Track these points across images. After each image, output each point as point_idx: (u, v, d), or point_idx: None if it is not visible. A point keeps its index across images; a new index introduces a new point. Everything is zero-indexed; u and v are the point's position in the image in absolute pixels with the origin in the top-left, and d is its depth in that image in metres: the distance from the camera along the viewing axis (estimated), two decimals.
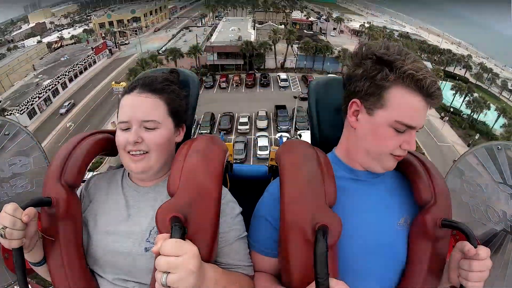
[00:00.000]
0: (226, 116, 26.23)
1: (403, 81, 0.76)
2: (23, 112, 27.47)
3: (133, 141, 0.87)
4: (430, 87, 0.75)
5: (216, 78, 34.50)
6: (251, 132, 25.00)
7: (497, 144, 0.99)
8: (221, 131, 24.88)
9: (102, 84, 35.08)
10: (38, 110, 29.69)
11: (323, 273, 0.65)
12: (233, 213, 0.92)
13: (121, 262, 0.88)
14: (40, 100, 30.04)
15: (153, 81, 0.94)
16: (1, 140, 1.03)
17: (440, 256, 0.85)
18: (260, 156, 21.91)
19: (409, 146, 0.82)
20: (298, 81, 34.51)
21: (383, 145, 0.83)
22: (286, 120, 25.47)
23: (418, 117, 0.79)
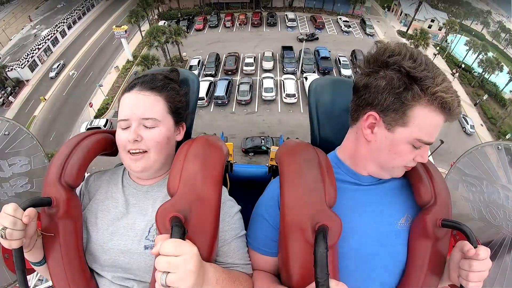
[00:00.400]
0: (231, 57, 25.70)
1: (431, 102, 0.74)
2: (24, 66, 26.88)
3: (133, 139, 0.87)
4: (455, 108, 0.74)
5: (221, 17, 33.11)
6: (256, 73, 24.70)
7: (497, 144, 0.98)
8: (226, 72, 24.60)
9: (102, 28, 33.96)
10: (39, 62, 29.05)
11: (323, 274, 0.65)
12: (232, 212, 0.93)
13: (120, 260, 0.89)
14: (40, 51, 29.32)
15: (152, 79, 0.94)
16: (1, 140, 1.03)
17: (440, 256, 0.85)
18: (265, 98, 21.93)
19: (422, 159, 0.81)
20: (306, 21, 33.06)
21: (399, 159, 0.82)
22: (293, 62, 24.97)
23: (436, 134, 0.78)
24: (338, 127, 0.99)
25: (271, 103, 22.09)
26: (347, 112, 0.90)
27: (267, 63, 25.32)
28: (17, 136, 1.06)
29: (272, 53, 26.42)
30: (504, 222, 0.97)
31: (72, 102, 23.23)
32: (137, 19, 28.03)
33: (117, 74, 26.17)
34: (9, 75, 25.65)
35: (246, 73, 24.83)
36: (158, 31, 24.05)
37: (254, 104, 22.21)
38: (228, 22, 31.75)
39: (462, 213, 1.04)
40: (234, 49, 26.71)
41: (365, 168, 0.89)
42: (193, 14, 33.28)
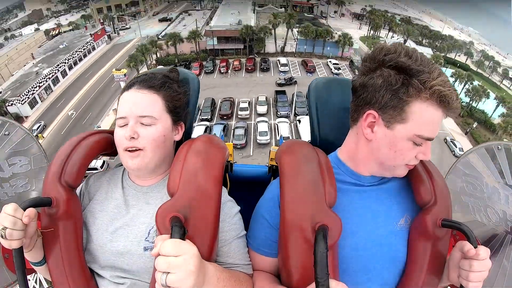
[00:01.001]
0: (226, 102, 26.37)
1: (429, 97, 0.74)
2: (24, 102, 27.27)
3: (129, 136, 0.87)
4: (454, 102, 0.75)
5: (216, 63, 34.38)
6: (251, 117, 25.18)
7: (497, 144, 0.98)
8: (222, 116, 25.13)
9: (102, 70, 34.79)
10: (39, 99, 29.47)
11: (323, 273, 0.65)
12: (232, 213, 0.93)
13: (120, 261, 0.88)
14: (41, 89, 29.85)
15: (151, 78, 0.95)
16: (1, 140, 1.03)
17: (440, 256, 0.85)
18: (260, 141, 22.18)
19: (425, 157, 0.81)
20: (298, 65, 34.44)
21: (400, 157, 0.81)
22: (286, 106, 25.65)
23: (436, 129, 0.78)
24: (338, 127, 0.99)
25: (265, 147, 22.33)
26: (347, 112, 0.91)
27: (261, 107, 25.95)
28: (17, 136, 1.06)
29: (266, 97, 27.16)
30: (504, 222, 0.97)
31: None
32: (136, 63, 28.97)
33: (115, 116, 26.38)
34: (9, 109, 25.92)
35: (241, 118, 25.34)
36: None
37: (250, 147, 22.42)
38: (223, 68, 32.87)
39: (462, 213, 1.04)
40: (229, 94, 27.26)
41: (366, 168, 0.89)
42: (189, 60, 34.60)
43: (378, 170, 0.88)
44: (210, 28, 37.11)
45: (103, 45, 43.32)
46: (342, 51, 36.13)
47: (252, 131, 23.73)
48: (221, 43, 36.83)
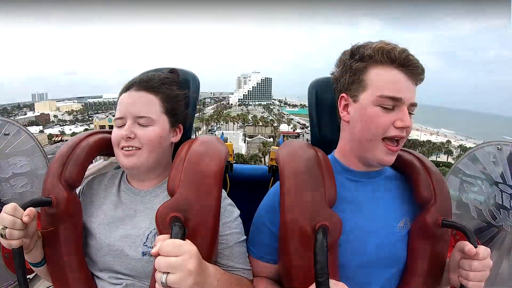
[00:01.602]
0: None
1: (376, 58, 0.78)
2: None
3: (126, 136, 0.87)
4: (400, 55, 0.76)
5: None
6: None
7: (497, 144, 0.98)
8: None
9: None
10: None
11: (323, 273, 0.64)
12: (232, 217, 0.92)
13: (117, 264, 0.88)
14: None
15: (150, 79, 0.94)
16: (1, 140, 1.03)
17: (440, 256, 0.85)
18: None
19: (402, 123, 0.77)
20: None
21: (374, 126, 0.79)
22: None
23: (400, 88, 0.77)
24: (337, 127, 0.96)
25: None
26: None
27: None
28: (17, 136, 1.05)
29: None
30: (504, 222, 0.96)
31: None
32: None
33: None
34: None
35: None
36: None
37: None
38: None
39: (462, 213, 1.02)
40: None
41: (353, 156, 0.88)
42: None
43: (362, 154, 0.85)
44: None
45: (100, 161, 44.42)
46: None
47: None
48: None
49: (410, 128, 0.80)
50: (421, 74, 0.79)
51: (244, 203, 1.00)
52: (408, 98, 0.78)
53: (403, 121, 0.77)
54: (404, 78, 0.77)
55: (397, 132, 0.78)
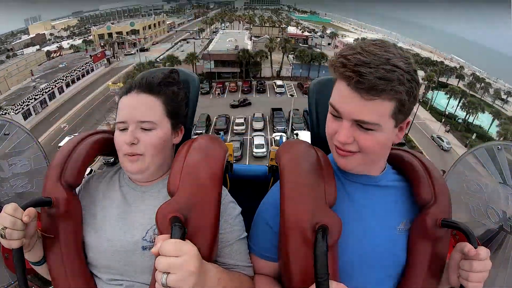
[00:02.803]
0: (222, 118, 26.26)
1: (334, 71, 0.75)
2: (18, 111, 27.39)
3: (129, 142, 0.87)
4: (346, 69, 0.70)
5: (213, 85, 34.84)
6: (247, 133, 24.93)
7: (497, 144, 0.98)
8: (217, 131, 24.77)
9: (99, 90, 35.31)
10: (33, 112, 29.69)
11: (323, 273, 0.64)
12: (233, 214, 0.92)
13: (116, 262, 0.88)
14: (36, 102, 30.08)
15: (151, 82, 0.94)
16: (1, 140, 1.03)
17: (440, 256, 0.84)
18: (256, 154, 21.73)
19: (336, 136, 0.78)
20: (294, 88, 34.91)
21: (327, 130, 0.83)
22: (283, 121, 25.51)
23: (343, 102, 0.74)
24: None
25: (262, 160, 21.72)
26: None
27: (257, 123, 25.78)
28: (17, 136, 1.05)
29: (262, 114, 27.14)
30: (504, 222, 0.96)
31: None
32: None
33: (112, 129, 26.26)
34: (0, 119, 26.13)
35: (236, 133, 25.04)
36: None
37: (245, 160, 21.81)
38: (219, 89, 33.35)
39: (462, 213, 1.02)
40: (224, 113, 27.44)
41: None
42: None
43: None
44: (208, 52, 37.96)
45: (101, 68, 44.07)
46: None
47: (248, 145, 23.23)
48: (218, 67, 37.53)
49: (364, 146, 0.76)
50: (371, 90, 0.68)
51: (244, 203, 0.99)
52: (348, 113, 0.74)
53: (338, 135, 0.77)
54: (349, 92, 0.72)
55: (337, 143, 0.79)
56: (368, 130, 0.74)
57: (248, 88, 33.55)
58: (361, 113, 0.72)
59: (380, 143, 0.76)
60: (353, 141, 0.76)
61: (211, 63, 36.71)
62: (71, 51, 52.80)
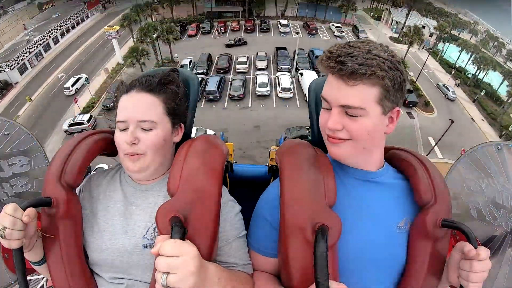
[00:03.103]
0: (224, 56, 25.30)
1: (321, 65, 0.80)
2: (13, 67, 26.80)
3: (130, 142, 0.87)
4: (329, 60, 0.77)
5: (214, 24, 33.11)
6: (250, 72, 24.15)
7: (497, 144, 0.98)
8: (219, 70, 23.95)
9: (95, 36, 34.03)
10: (29, 66, 29.13)
11: (323, 274, 0.65)
12: (233, 212, 0.93)
13: (118, 260, 0.88)
14: (31, 55, 29.38)
15: (150, 81, 0.93)
16: (1, 140, 1.02)
17: (440, 256, 0.84)
18: (259, 93, 21.28)
19: (327, 123, 0.81)
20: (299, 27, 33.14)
21: (319, 122, 0.86)
22: (287, 60, 24.57)
23: (330, 90, 0.80)
24: None
25: (265, 99, 21.36)
26: None
27: (261, 62, 24.93)
28: (17, 136, 1.04)
29: (266, 53, 26.12)
30: (504, 222, 0.96)
31: (58, 102, 23.07)
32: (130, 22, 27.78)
33: (106, 75, 25.91)
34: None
35: (239, 71, 24.30)
36: (150, 27, 23.54)
37: (248, 99, 21.50)
38: (221, 28, 31.75)
39: (462, 213, 1.02)
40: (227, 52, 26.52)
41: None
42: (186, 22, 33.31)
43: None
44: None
45: (97, 14, 42.01)
46: (345, 17, 34.84)
47: (250, 84, 22.60)
48: (219, 6, 35.39)
49: (353, 132, 0.79)
50: (352, 75, 0.74)
51: (244, 203, 0.99)
52: (335, 99, 0.79)
53: (328, 122, 0.80)
54: (335, 80, 0.78)
55: (329, 132, 0.82)
56: (354, 117, 0.78)
57: (251, 27, 32.09)
58: (346, 98, 0.77)
59: (368, 129, 0.78)
60: (342, 128, 0.80)
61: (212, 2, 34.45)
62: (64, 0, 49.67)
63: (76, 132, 19.04)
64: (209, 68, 24.54)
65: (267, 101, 20.86)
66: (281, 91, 20.53)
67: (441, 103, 23.69)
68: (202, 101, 20.55)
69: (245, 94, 21.23)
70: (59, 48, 32.53)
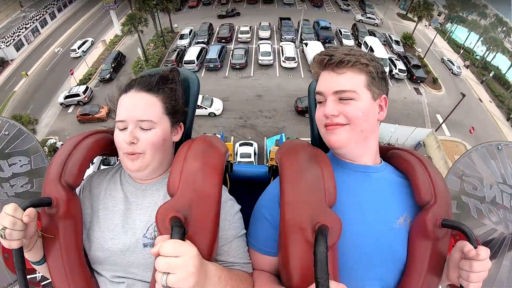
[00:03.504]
0: (225, 26, 24.29)
1: (314, 65, 0.93)
2: (9, 44, 26.17)
3: (129, 141, 0.87)
4: (320, 61, 0.89)
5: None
6: (252, 42, 23.16)
7: (497, 144, 0.98)
8: (220, 39, 22.92)
9: (92, 10, 32.82)
10: (26, 42, 28.50)
11: (323, 274, 0.65)
12: (232, 211, 0.93)
13: (118, 259, 0.89)
14: (27, 31, 28.72)
15: (150, 81, 0.93)
16: (1, 140, 1.02)
17: (440, 256, 0.84)
18: (261, 62, 20.50)
19: (325, 111, 0.86)
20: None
21: (316, 117, 0.92)
22: (291, 30, 23.62)
23: (323, 83, 0.89)
24: None
25: (268, 68, 20.58)
26: None
27: (264, 32, 24.01)
28: (17, 136, 1.04)
29: (269, 23, 25.09)
30: (504, 222, 0.97)
31: (55, 76, 22.66)
32: None
33: (103, 48, 25.03)
34: None
35: (241, 41, 23.26)
36: None
37: (250, 68, 20.76)
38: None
39: (462, 213, 1.02)
40: (228, 23, 25.48)
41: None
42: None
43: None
44: None
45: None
46: None
47: (253, 54, 21.65)
48: None
49: (349, 114, 0.84)
50: (341, 63, 0.85)
51: (244, 203, 0.99)
52: (329, 89, 0.87)
53: (325, 110, 0.86)
54: (327, 74, 0.88)
55: (327, 121, 0.87)
56: (348, 100, 0.85)
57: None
58: (338, 84, 0.85)
59: (362, 109, 0.84)
60: (338, 114, 0.85)
61: None
62: None
63: (72, 104, 18.48)
64: (210, 37, 23.76)
65: (270, 71, 20.15)
66: (284, 60, 19.87)
67: (449, 81, 23.35)
68: (203, 69, 19.89)
69: (247, 64, 20.50)
70: (56, 23, 31.70)
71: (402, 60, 22.38)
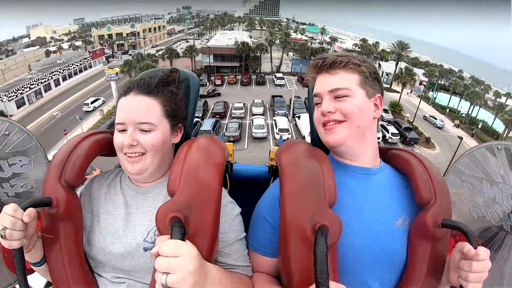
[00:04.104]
0: (219, 103, 25.53)
1: (309, 71, 0.97)
2: (11, 98, 27.06)
3: (128, 144, 0.87)
4: (315, 66, 0.93)
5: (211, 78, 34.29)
6: (246, 118, 24.01)
7: (497, 144, 0.98)
8: (215, 114, 23.86)
9: (95, 83, 34.78)
10: (27, 101, 29.46)
11: (323, 274, 0.64)
12: (233, 214, 0.92)
13: (120, 263, 0.88)
14: (31, 91, 29.81)
15: (149, 83, 0.93)
16: (1, 140, 1.02)
17: (440, 256, 0.84)
18: (255, 135, 20.80)
19: (322, 109, 0.89)
20: (294, 81, 34.35)
21: (314, 118, 0.95)
22: (284, 106, 24.73)
23: (319, 85, 0.93)
24: None
25: (262, 141, 20.86)
26: None
27: (257, 109, 25.15)
28: (17, 136, 1.04)
29: (262, 100, 26.40)
30: (504, 222, 0.96)
31: (49, 136, 23.02)
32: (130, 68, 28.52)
33: (100, 117, 25.73)
34: None
35: (235, 117, 24.14)
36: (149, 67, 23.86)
37: (244, 141, 20.84)
38: (218, 81, 32.73)
39: (462, 213, 1.02)
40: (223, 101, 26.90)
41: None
42: None
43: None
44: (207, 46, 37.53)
45: (100, 65, 43.66)
46: None
47: (247, 128, 22.26)
48: (217, 61, 37.06)
49: (345, 110, 0.86)
50: (334, 64, 0.89)
51: (244, 203, 0.99)
52: (324, 89, 0.90)
53: (322, 108, 0.89)
54: (321, 77, 0.92)
55: (324, 118, 0.89)
56: (343, 97, 0.87)
57: (248, 79, 33.21)
58: (332, 83, 0.89)
59: (357, 105, 0.86)
60: (335, 111, 0.87)
61: (210, 57, 36.25)
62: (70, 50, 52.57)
63: None
64: (204, 113, 24.63)
65: (263, 143, 20.38)
66: (278, 132, 20.28)
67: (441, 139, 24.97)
68: None
69: (241, 137, 20.79)
70: (59, 90, 33.15)
71: (393, 125, 23.24)
